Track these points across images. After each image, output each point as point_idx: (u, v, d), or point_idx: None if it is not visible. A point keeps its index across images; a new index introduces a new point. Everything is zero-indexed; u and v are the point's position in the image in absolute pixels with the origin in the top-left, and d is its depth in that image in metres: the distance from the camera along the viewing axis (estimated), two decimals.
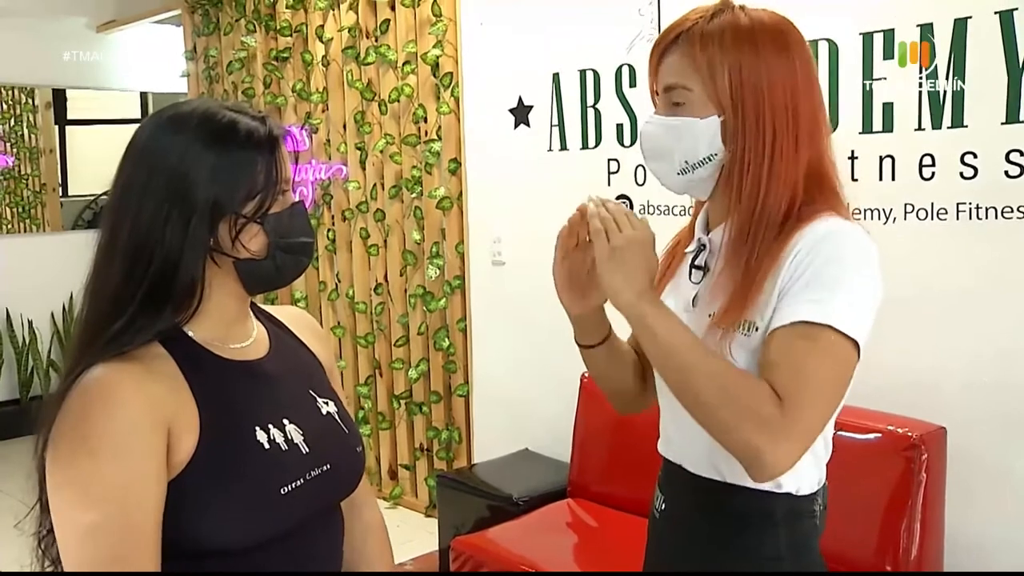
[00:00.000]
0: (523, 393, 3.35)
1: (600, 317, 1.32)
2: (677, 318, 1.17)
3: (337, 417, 1.19)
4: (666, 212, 2.81)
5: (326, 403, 1.19)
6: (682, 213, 2.72)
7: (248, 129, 1.06)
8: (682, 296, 1.28)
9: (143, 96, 6.52)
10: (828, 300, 1.09)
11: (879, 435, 2.26)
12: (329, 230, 4.06)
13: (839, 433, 2.27)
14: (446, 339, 3.61)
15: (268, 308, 1.26)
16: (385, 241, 3.83)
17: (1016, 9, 2.15)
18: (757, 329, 1.15)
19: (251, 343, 1.15)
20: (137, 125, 1.11)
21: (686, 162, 1.19)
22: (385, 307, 3.88)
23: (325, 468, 1.11)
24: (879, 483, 2.22)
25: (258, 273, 1.10)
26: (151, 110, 5.77)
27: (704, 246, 1.28)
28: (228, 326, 1.13)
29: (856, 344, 1.10)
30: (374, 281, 3.91)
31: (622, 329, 1.30)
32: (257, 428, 1.07)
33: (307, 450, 1.10)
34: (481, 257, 3.45)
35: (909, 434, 2.21)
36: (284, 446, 1.07)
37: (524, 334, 3.32)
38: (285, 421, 1.10)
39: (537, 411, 3.32)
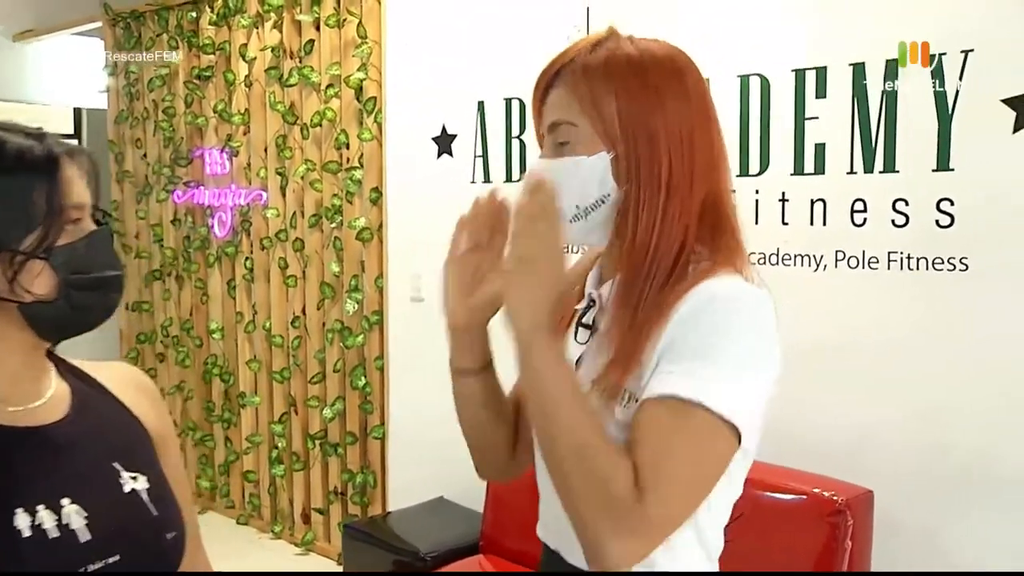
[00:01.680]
0: (440, 438, 3.13)
1: (484, 336, 1.15)
2: (569, 366, 1.01)
3: (145, 496, 0.98)
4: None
5: (134, 478, 0.98)
6: None
7: (18, 149, 0.88)
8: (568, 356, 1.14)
9: (76, 112, 6.26)
10: (705, 374, 0.94)
11: (803, 497, 2.11)
12: (247, 258, 3.85)
13: (762, 493, 2.14)
14: (363, 377, 3.42)
15: (86, 364, 1.08)
16: (304, 272, 3.64)
17: (945, 54, 2.05)
18: (636, 401, 0.99)
19: (43, 403, 0.96)
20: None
21: (578, 207, 1.04)
22: (303, 341, 3.68)
23: (111, 560, 0.91)
24: (802, 550, 2.07)
25: (51, 318, 0.92)
26: (85, 127, 5.52)
27: (594, 302, 1.13)
28: (13, 383, 0.94)
29: (736, 430, 0.94)
30: (292, 314, 3.71)
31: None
32: (20, 510, 0.87)
33: (88, 538, 0.90)
34: (401, 292, 3.27)
35: (835, 498, 2.06)
36: (53, 533, 0.88)
37: (443, 376, 3.12)
38: (65, 501, 0.90)
39: (454, 457, 3.11)
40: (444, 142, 3.06)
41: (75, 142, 5.23)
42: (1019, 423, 2.00)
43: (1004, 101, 1.99)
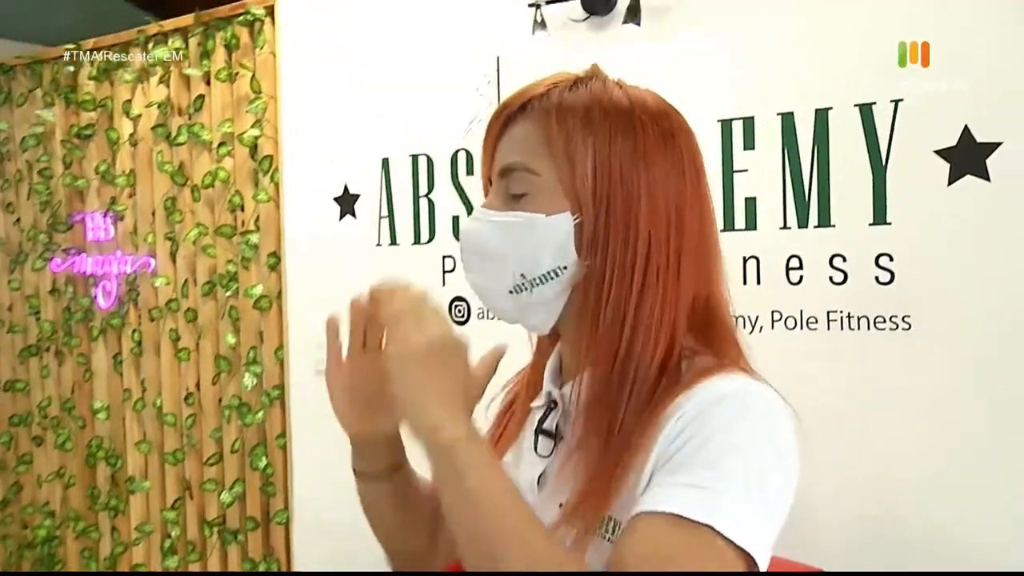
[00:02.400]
0: (349, 521, 2.88)
1: (393, 440, 0.98)
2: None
3: None
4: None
5: None
6: None
7: None
8: (524, 473, 0.95)
9: None
10: (716, 489, 0.77)
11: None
12: (135, 331, 3.55)
13: None
14: (264, 458, 3.14)
15: None
16: (197, 344, 3.35)
17: (875, 104, 1.96)
18: (622, 529, 0.80)
19: None
20: None
21: (523, 276, 0.87)
22: (197, 419, 3.38)
23: None
24: None
25: None
26: None
27: (555, 403, 0.94)
28: None
29: (750, 560, 0.76)
30: (185, 390, 3.41)
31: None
32: None
33: None
34: (303, 365, 3.02)
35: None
36: None
37: (350, 454, 2.90)
38: None
39: (364, 540, 2.87)
40: (346, 202, 2.86)
41: None
42: (971, 493, 1.88)
43: (937, 152, 1.91)
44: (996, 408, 1.86)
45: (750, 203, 2.11)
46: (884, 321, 1.96)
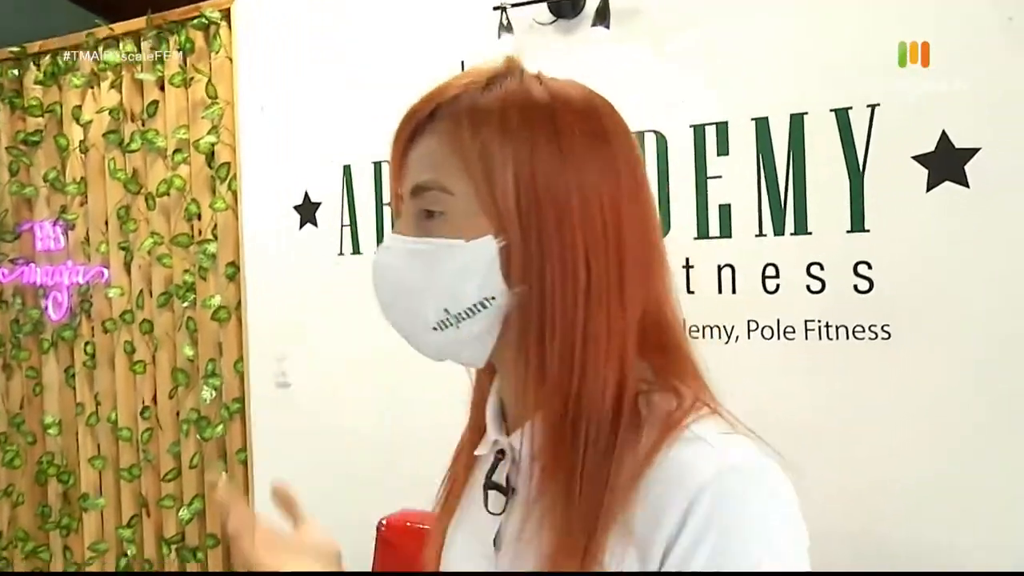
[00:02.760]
0: None
1: None
2: None
3: None
4: None
5: None
6: None
7: None
8: (476, 535, 0.83)
9: None
10: None
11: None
12: (88, 343, 3.42)
13: None
14: (224, 472, 3.04)
15: None
16: (154, 357, 3.24)
17: (851, 108, 1.92)
18: None
19: None
20: None
21: (446, 311, 0.75)
22: (154, 434, 3.26)
23: None
24: None
25: None
26: None
27: (503, 453, 0.82)
28: None
29: None
30: (141, 404, 3.29)
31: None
32: None
33: None
34: (263, 377, 2.93)
35: None
36: None
37: (314, 470, 2.80)
38: None
39: None
40: (307, 211, 2.77)
41: None
42: (954, 507, 1.85)
43: (915, 158, 1.87)
44: (981, 418, 1.83)
45: (724, 210, 2.06)
46: (863, 330, 1.92)
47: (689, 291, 2.10)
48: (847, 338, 1.93)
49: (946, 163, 1.83)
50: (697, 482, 0.69)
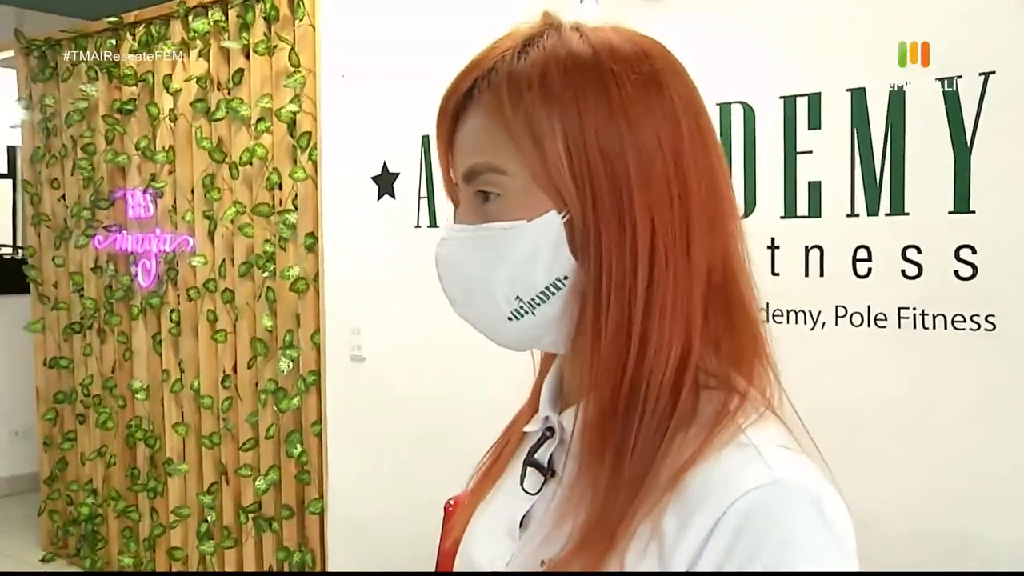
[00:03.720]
0: (383, 513, 2.79)
1: None
2: None
3: None
4: None
5: None
6: None
7: None
8: (505, 511, 0.78)
9: (10, 150, 5.82)
10: None
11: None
12: (173, 311, 3.47)
13: None
14: (299, 445, 3.04)
15: None
16: (234, 326, 3.26)
17: (960, 77, 1.75)
18: None
19: None
20: None
21: (519, 299, 0.70)
22: (233, 403, 3.29)
23: None
24: None
25: None
26: (20, 165, 5.08)
27: (551, 431, 0.76)
28: None
29: None
30: (221, 372, 3.33)
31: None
32: None
33: None
34: (338, 350, 2.91)
35: None
36: None
37: (386, 444, 2.78)
38: None
39: (399, 535, 2.75)
40: (385, 182, 2.72)
41: (9, 183, 4.85)
42: None
43: None
44: None
45: (814, 188, 1.92)
46: (964, 320, 1.76)
47: (774, 273, 1.96)
48: (945, 328, 1.77)
49: None
50: (736, 492, 0.62)
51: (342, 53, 2.83)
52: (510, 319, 0.71)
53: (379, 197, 2.74)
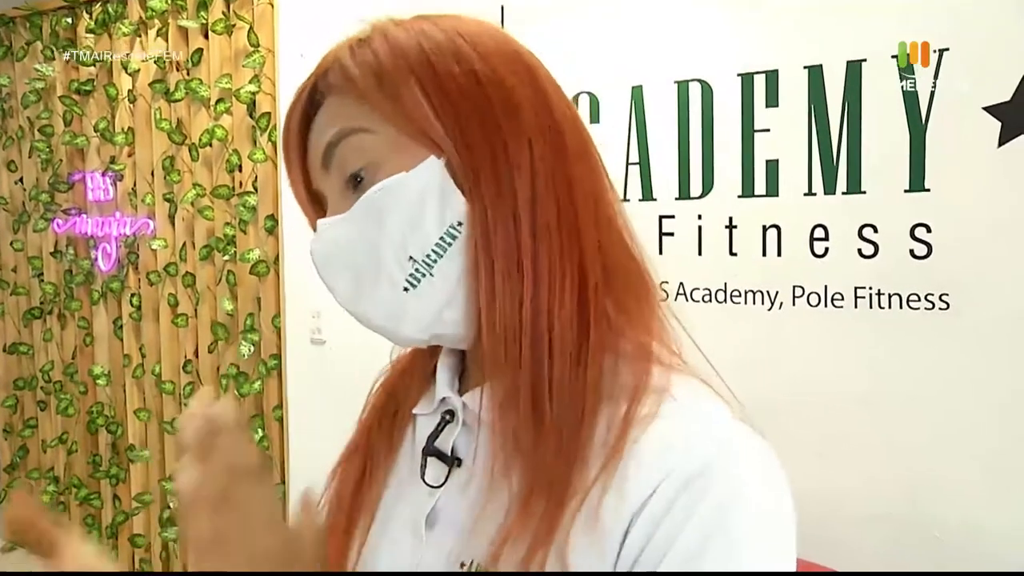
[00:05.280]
0: None
1: None
2: None
3: None
4: None
5: None
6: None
7: None
8: (408, 508, 0.71)
9: None
10: None
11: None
12: (134, 295, 3.42)
13: None
14: (260, 430, 3.00)
15: None
16: (195, 310, 3.21)
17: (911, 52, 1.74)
18: None
19: None
20: None
21: (412, 260, 0.63)
22: (195, 388, 3.25)
23: None
24: None
25: None
26: None
27: (452, 415, 0.71)
28: None
29: None
30: (183, 357, 3.28)
31: None
32: None
33: None
34: (299, 334, 2.87)
35: None
36: None
37: (348, 427, 2.74)
38: None
39: None
40: None
41: None
42: (1009, 495, 1.68)
43: (986, 109, 1.68)
44: None
45: (772, 166, 1.90)
46: (919, 299, 1.75)
47: (732, 253, 1.95)
48: (901, 307, 1.76)
49: (1023, 114, 1.64)
50: (676, 460, 0.58)
51: (301, 32, 2.79)
52: (407, 289, 0.64)
53: None
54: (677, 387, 0.62)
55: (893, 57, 1.76)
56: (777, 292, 1.90)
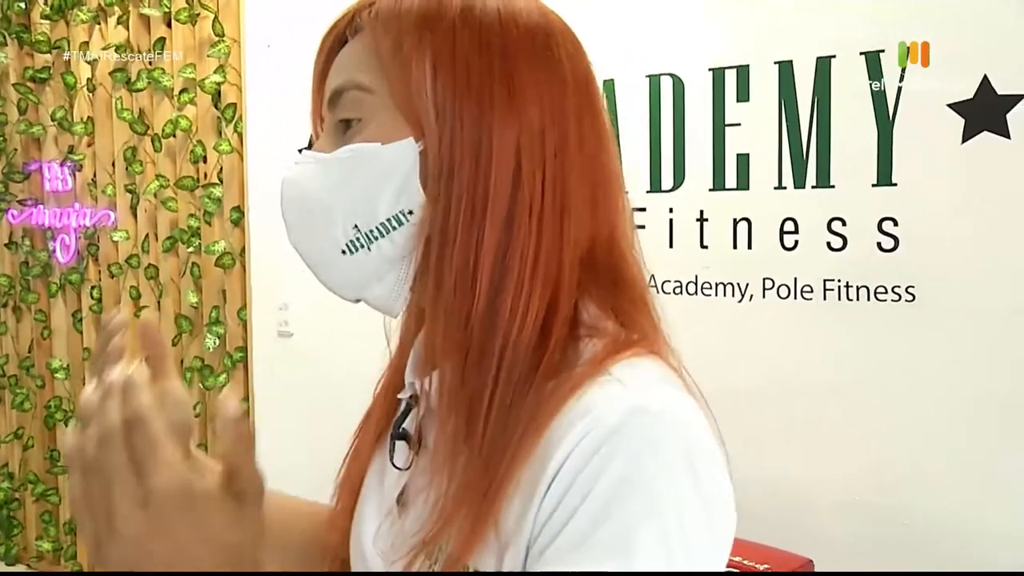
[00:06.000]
0: (312, 490, 2.75)
1: None
2: None
3: None
4: None
5: None
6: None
7: None
8: (385, 490, 0.74)
9: None
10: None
11: (731, 571, 1.80)
12: (94, 287, 3.37)
13: None
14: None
15: None
16: (159, 303, 3.18)
17: (883, 51, 1.78)
18: None
19: None
20: None
21: (356, 228, 0.65)
22: None
23: None
24: None
25: None
26: None
27: (415, 400, 0.72)
28: None
29: None
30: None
31: None
32: None
33: None
34: (266, 326, 2.85)
35: (768, 570, 1.75)
36: None
37: (317, 421, 2.73)
38: None
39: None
40: None
41: None
42: (977, 483, 1.73)
43: (951, 106, 1.73)
44: (1008, 386, 1.70)
45: (742, 160, 1.93)
46: (886, 291, 1.79)
47: (703, 246, 1.98)
48: (868, 299, 1.80)
49: (986, 111, 1.68)
50: (594, 420, 0.57)
51: (267, 22, 2.76)
52: (344, 252, 0.66)
53: None
54: (623, 367, 0.62)
55: (862, 54, 1.80)
56: (747, 284, 1.93)
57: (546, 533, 0.57)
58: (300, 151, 0.71)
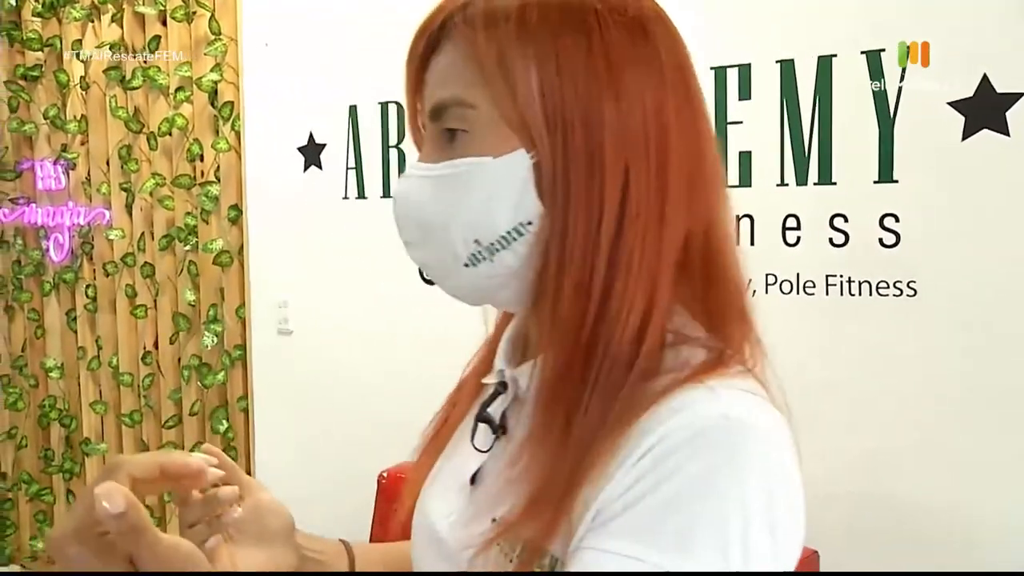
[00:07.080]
0: (313, 488, 2.76)
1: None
2: None
3: None
4: None
5: None
6: None
7: None
8: (458, 468, 0.76)
9: None
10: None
11: None
12: (89, 286, 3.36)
13: None
14: (225, 421, 2.98)
15: None
16: (155, 301, 3.17)
17: (883, 51, 1.80)
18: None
19: None
20: None
21: (477, 243, 0.66)
22: (155, 379, 3.21)
23: None
24: None
25: None
26: None
27: (504, 386, 0.74)
28: None
29: None
30: (142, 348, 3.24)
31: None
32: None
33: None
34: (265, 324, 2.86)
35: None
36: None
37: (314, 418, 2.75)
38: None
39: (328, 511, 2.73)
40: (312, 152, 2.67)
41: None
42: (979, 473, 1.76)
43: (951, 104, 1.76)
44: (1008, 381, 1.73)
45: (744, 157, 1.96)
46: (888, 287, 1.82)
47: None
48: (870, 294, 1.84)
49: (986, 109, 1.71)
50: (678, 421, 0.59)
51: (265, 20, 2.76)
52: (467, 265, 0.67)
53: (305, 168, 2.69)
54: (716, 378, 0.63)
55: (862, 54, 1.82)
56: (750, 280, 1.94)
57: (605, 513, 0.59)
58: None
